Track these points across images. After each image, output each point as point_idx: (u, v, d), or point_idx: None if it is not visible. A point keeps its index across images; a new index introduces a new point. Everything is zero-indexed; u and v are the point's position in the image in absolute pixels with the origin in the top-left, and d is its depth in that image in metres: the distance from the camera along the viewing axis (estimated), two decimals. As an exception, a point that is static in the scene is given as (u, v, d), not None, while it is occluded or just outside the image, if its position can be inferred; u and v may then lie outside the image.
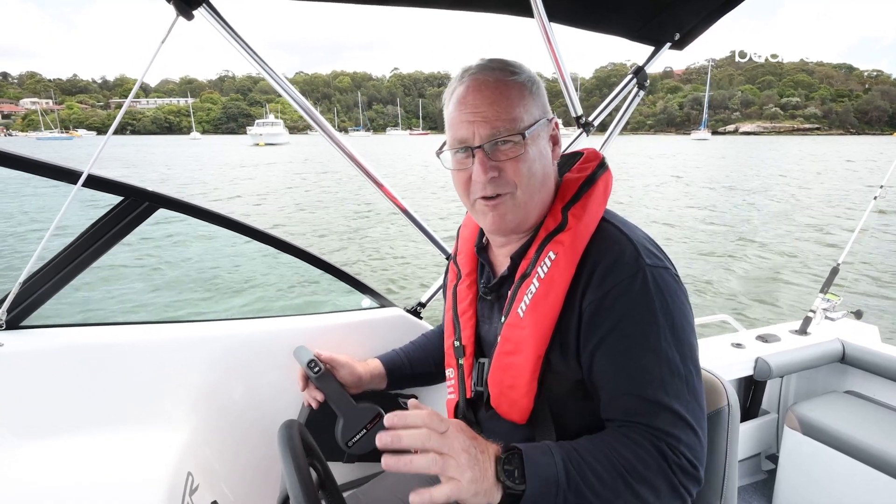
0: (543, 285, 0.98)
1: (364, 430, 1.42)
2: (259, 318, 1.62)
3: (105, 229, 1.36)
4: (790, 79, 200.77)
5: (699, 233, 12.57)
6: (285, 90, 1.46)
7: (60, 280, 1.35)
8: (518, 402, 1.04)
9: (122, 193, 1.36)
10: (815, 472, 2.22)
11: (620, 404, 0.93)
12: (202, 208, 1.48)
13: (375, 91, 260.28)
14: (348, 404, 1.40)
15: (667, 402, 0.89)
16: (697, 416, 0.91)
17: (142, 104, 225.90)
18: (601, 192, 1.04)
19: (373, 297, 1.80)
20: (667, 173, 29.64)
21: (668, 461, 0.87)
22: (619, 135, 1.93)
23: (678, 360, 0.90)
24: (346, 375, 1.40)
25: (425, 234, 1.76)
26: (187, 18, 1.26)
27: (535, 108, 1.01)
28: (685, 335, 0.93)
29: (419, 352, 1.53)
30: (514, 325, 1.03)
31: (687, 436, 0.89)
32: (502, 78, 0.99)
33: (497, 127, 0.97)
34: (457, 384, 1.21)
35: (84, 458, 1.23)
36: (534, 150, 1.00)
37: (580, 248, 0.97)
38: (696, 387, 0.92)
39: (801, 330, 2.73)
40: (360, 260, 10.01)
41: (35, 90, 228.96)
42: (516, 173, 0.99)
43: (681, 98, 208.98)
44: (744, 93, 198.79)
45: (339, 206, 16.79)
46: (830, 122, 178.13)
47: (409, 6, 1.52)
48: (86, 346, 1.38)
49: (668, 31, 1.73)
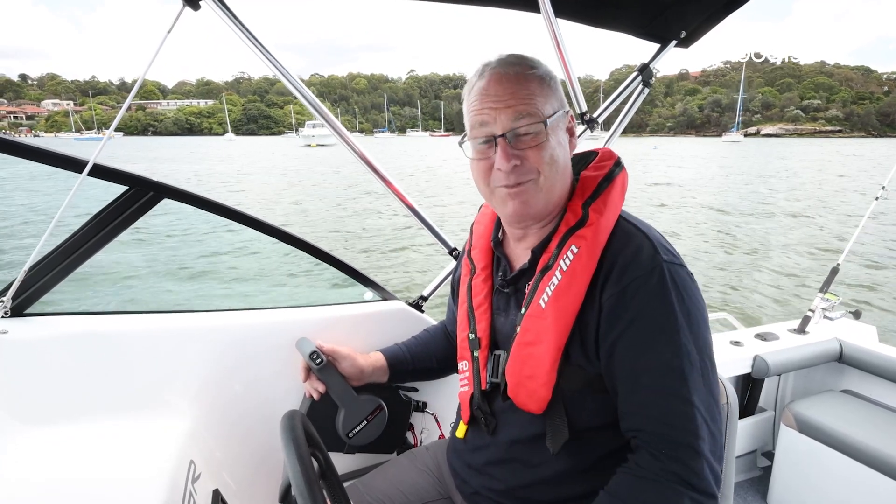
0: (566, 277, 1.00)
1: (365, 422, 1.45)
2: (262, 310, 1.63)
3: (110, 218, 1.37)
4: (810, 81, 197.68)
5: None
6: (294, 85, 1.48)
7: (65, 268, 1.37)
8: (536, 392, 1.05)
9: (127, 183, 1.37)
10: (811, 470, 2.23)
11: (641, 404, 0.95)
12: (207, 199, 1.49)
13: (392, 93, 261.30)
14: (350, 396, 1.42)
15: (687, 396, 0.90)
16: (713, 413, 0.93)
17: (162, 106, 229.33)
18: (619, 189, 1.07)
19: (375, 290, 1.81)
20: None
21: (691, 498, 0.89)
22: (644, 136, 1.92)
23: (695, 354, 0.93)
24: (347, 367, 1.42)
25: (430, 229, 1.78)
26: (194, 9, 1.28)
27: (554, 100, 1.05)
28: (701, 330, 0.95)
29: (421, 347, 1.54)
30: (535, 315, 1.05)
31: (706, 456, 0.90)
32: (522, 71, 1.02)
33: (519, 116, 1.00)
34: (471, 376, 1.22)
35: (87, 446, 1.25)
36: (554, 139, 1.03)
37: (601, 242, 1.00)
38: (711, 380, 0.95)
39: (799, 329, 2.74)
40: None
41: (56, 92, 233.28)
42: (539, 160, 1.01)
43: (700, 100, 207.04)
44: (764, 95, 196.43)
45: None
46: (852, 124, 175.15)
47: (417, 0, 1.53)
48: (90, 334, 1.39)
49: (673, 28, 1.73)
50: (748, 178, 28.97)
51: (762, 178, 29.00)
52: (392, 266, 9.59)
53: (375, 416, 1.47)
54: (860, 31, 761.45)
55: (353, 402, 1.43)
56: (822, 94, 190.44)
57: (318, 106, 1.52)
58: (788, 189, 23.16)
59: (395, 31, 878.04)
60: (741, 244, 11.60)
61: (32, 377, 1.33)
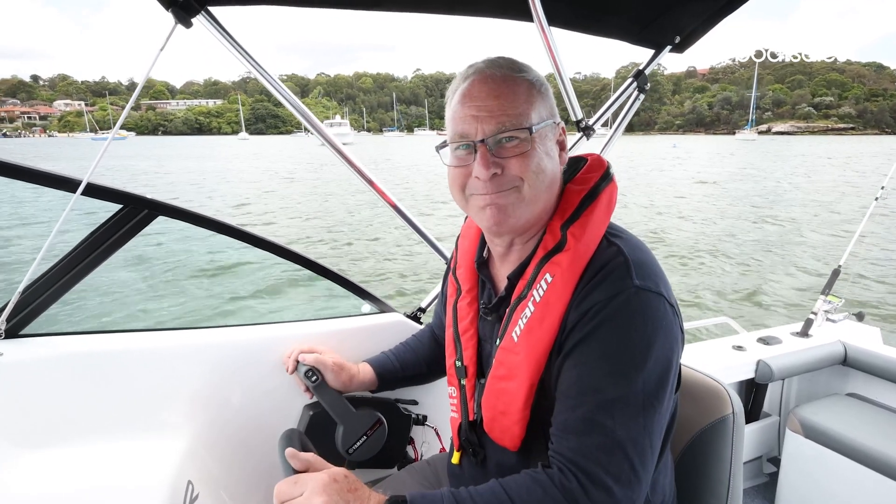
0: (539, 309, 0.93)
1: (364, 437, 1.43)
2: (258, 325, 1.62)
3: (104, 237, 1.36)
4: (822, 78, 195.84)
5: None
6: (283, 95, 1.46)
7: (60, 288, 1.35)
8: (510, 430, 1.00)
9: (120, 201, 1.36)
10: (818, 476, 2.19)
11: (566, 427, 0.88)
12: (201, 215, 1.48)
13: (399, 92, 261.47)
14: (347, 412, 1.41)
15: (611, 431, 0.83)
16: (644, 455, 0.84)
17: (171, 106, 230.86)
18: (604, 207, 0.97)
19: (373, 303, 1.79)
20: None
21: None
22: (653, 134, 1.90)
23: (639, 388, 0.84)
24: (332, 379, 1.40)
25: (426, 239, 1.76)
26: (186, 27, 1.27)
27: (543, 109, 0.96)
28: (658, 365, 0.85)
29: (409, 353, 1.52)
30: (508, 349, 0.99)
31: (616, 496, 0.83)
32: (510, 74, 0.94)
33: (503, 122, 0.91)
34: (458, 405, 1.18)
35: (83, 467, 1.23)
36: (542, 149, 0.94)
37: (578, 269, 0.91)
38: (652, 420, 0.85)
39: (802, 332, 2.69)
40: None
41: (67, 92, 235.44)
42: (523, 169, 0.92)
43: (709, 98, 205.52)
44: (774, 92, 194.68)
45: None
46: (865, 121, 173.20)
47: (406, 12, 1.52)
48: (85, 354, 1.37)
49: (667, 34, 1.71)
50: (784, 175, 29.05)
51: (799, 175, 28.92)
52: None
53: (375, 431, 1.45)
54: (866, 29, 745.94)
55: (352, 418, 1.42)
56: (835, 91, 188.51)
57: (301, 110, 1.49)
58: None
59: (400, 31, 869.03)
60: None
61: (28, 399, 1.31)
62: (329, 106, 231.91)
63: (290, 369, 1.45)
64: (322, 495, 0.81)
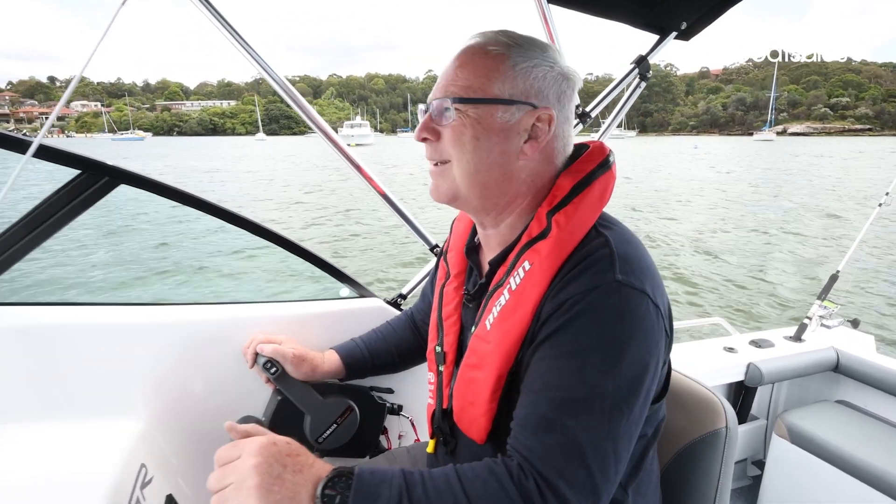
0: (513, 298, 0.88)
1: (335, 425, 1.39)
2: (223, 304, 1.52)
3: (60, 204, 1.25)
4: (838, 79, 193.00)
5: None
6: (273, 78, 1.43)
7: (10, 257, 1.24)
8: (477, 421, 0.96)
9: (77, 166, 1.26)
10: (801, 481, 2.17)
11: (525, 424, 0.83)
12: (166, 185, 1.38)
13: (411, 93, 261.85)
14: (314, 401, 1.37)
15: (572, 432, 0.77)
16: (606, 461, 0.78)
17: (186, 107, 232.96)
18: (597, 195, 0.90)
19: (352, 287, 1.71)
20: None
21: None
22: (666, 135, 1.85)
23: (609, 389, 0.77)
24: (291, 370, 1.34)
25: (410, 224, 1.71)
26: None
27: (510, 87, 0.88)
28: (631, 368, 0.79)
29: (380, 342, 1.44)
30: (480, 337, 0.95)
31: (569, 501, 0.76)
32: (484, 46, 0.89)
33: (449, 91, 0.89)
34: (434, 391, 1.14)
35: (28, 447, 1.16)
36: (480, 127, 0.88)
37: (560, 258, 0.85)
38: (618, 424, 0.78)
39: (795, 336, 2.65)
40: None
41: (84, 93, 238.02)
42: (453, 144, 0.90)
43: (723, 98, 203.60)
44: (790, 93, 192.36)
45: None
46: (882, 122, 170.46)
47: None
48: (33, 326, 1.28)
49: (674, 18, 1.64)
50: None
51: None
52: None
53: (346, 419, 1.40)
54: (881, 29, 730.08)
55: (320, 406, 1.37)
56: (851, 92, 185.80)
57: (294, 96, 1.46)
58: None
59: (410, 32, 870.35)
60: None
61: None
62: (342, 107, 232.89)
63: (249, 364, 1.38)
64: (257, 456, 0.77)
